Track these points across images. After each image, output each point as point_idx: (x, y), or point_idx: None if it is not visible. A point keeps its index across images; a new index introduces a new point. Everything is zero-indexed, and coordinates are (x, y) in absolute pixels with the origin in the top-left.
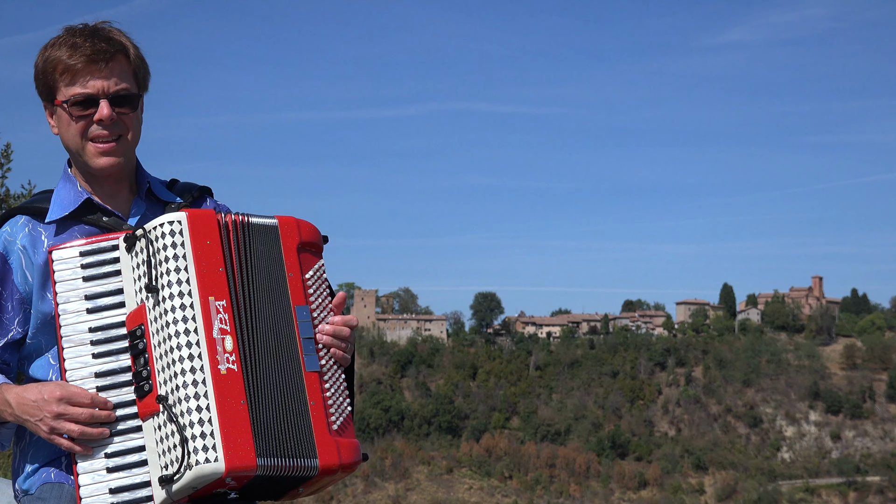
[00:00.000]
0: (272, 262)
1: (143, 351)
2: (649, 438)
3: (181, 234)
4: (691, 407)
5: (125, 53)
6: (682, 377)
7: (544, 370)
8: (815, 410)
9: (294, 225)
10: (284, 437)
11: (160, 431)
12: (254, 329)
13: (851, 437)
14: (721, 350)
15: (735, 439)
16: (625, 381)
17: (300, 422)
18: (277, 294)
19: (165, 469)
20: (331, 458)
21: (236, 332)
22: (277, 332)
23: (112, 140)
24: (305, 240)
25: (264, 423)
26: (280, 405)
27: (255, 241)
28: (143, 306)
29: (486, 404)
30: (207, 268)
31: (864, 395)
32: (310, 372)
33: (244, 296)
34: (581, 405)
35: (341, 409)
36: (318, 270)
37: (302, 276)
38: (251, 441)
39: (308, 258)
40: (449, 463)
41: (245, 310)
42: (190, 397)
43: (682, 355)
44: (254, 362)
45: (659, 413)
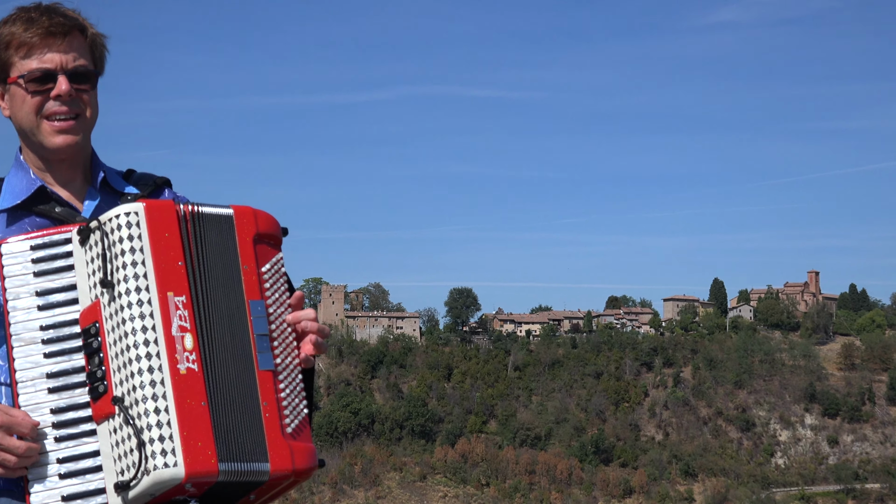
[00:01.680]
0: (226, 254)
1: (98, 350)
2: (635, 443)
3: (138, 227)
4: (680, 410)
5: (82, 30)
6: (669, 378)
7: (523, 371)
8: (811, 413)
9: (251, 215)
10: (241, 440)
11: (116, 435)
12: (211, 326)
13: (850, 442)
14: (711, 349)
15: (726, 444)
16: (609, 383)
17: (251, 424)
18: (231, 288)
19: (121, 475)
20: (283, 463)
21: (196, 329)
22: (232, 328)
23: (70, 118)
24: (263, 231)
25: (224, 426)
26: (235, 406)
27: (209, 232)
28: (97, 303)
29: (462, 407)
30: (166, 262)
31: (863, 397)
32: (263, 371)
33: (201, 290)
34: (562, 408)
35: (297, 411)
36: (276, 264)
37: (258, 270)
38: (212, 445)
39: (265, 251)
40: (422, 469)
41: (202, 305)
42: (147, 398)
43: (670, 355)
44: (212, 361)
45: (645, 416)
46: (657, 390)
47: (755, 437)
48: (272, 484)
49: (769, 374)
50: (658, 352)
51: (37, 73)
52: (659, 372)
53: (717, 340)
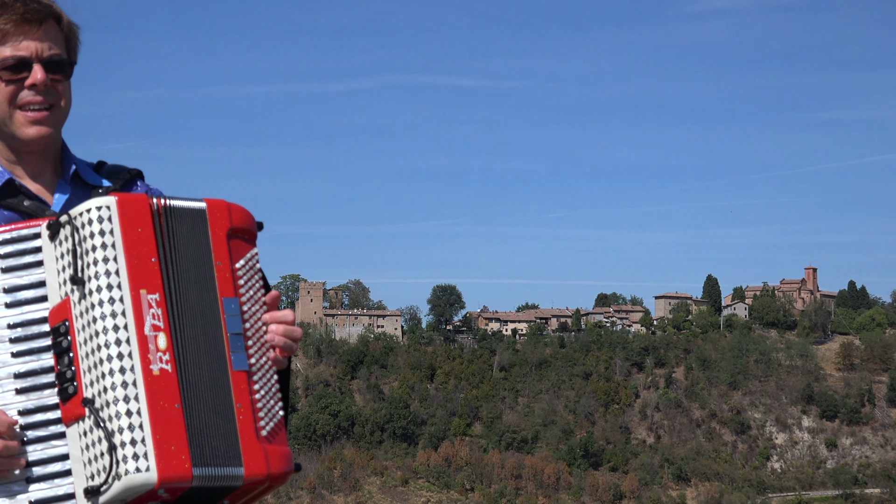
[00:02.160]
0: (199, 249)
1: (68, 349)
2: (625, 446)
3: (110, 221)
4: (672, 412)
5: (57, 18)
6: (661, 379)
7: (509, 371)
8: (808, 416)
9: (224, 209)
10: (215, 443)
11: (86, 438)
12: (184, 325)
13: (848, 445)
14: (705, 349)
15: (720, 447)
16: (598, 384)
17: (225, 426)
18: (204, 285)
19: (91, 479)
20: (258, 468)
21: (170, 328)
22: (205, 327)
23: (44, 108)
24: (237, 225)
25: (198, 429)
26: (209, 408)
27: (180, 227)
28: (67, 300)
29: (445, 409)
30: (139, 258)
31: (863, 398)
32: (237, 371)
33: (174, 288)
34: (550, 410)
35: (272, 413)
36: (251, 260)
37: (231, 266)
38: (186, 449)
39: (239, 246)
40: (404, 473)
41: (175, 303)
42: (119, 400)
43: (662, 355)
44: (186, 362)
45: (636, 418)
46: (648, 391)
47: (750, 441)
48: (247, 489)
49: (765, 375)
50: (649, 351)
51: (11, 61)
52: (650, 372)
53: (711, 340)
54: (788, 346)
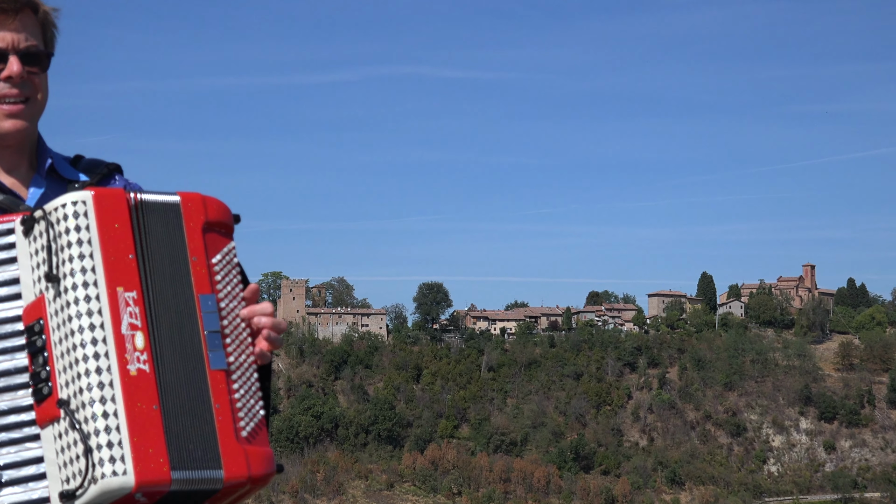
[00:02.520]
0: (173, 244)
1: (42, 349)
2: (617, 449)
3: (86, 217)
4: (665, 413)
5: (34, 8)
6: (654, 379)
7: (498, 371)
8: (806, 417)
9: (199, 202)
10: (193, 445)
11: (61, 440)
12: (161, 323)
13: (848, 448)
14: (699, 348)
15: (715, 450)
16: (590, 384)
17: (203, 428)
18: (179, 281)
19: (67, 483)
20: (238, 470)
21: (147, 327)
22: (181, 325)
23: (20, 101)
24: (212, 219)
25: (176, 430)
26: (186, 409)
27: (154, 222)
28: (42, 298)
29: (432, 410)
30: (116, 254)
31: (862, 399)
32: (215, 370)
33: (151, 285)
34: (540, 411)
35: (252, 412)
36: (228, 254)
37: (207, 261)
38: (164, 451)
39: (215, 240)
40: (389, 477)
41: (152, 301)
42: (95, 401)
43: (655, 354)
44: (163, 361)
45: (629, 420)
46: (641, 392)
47: (746, 443)
48: (227, 492)
49: (761, 375)
50: (642, 351)
51: None
52: (643, 373)
53: (706, 339)
54: (785, 346)
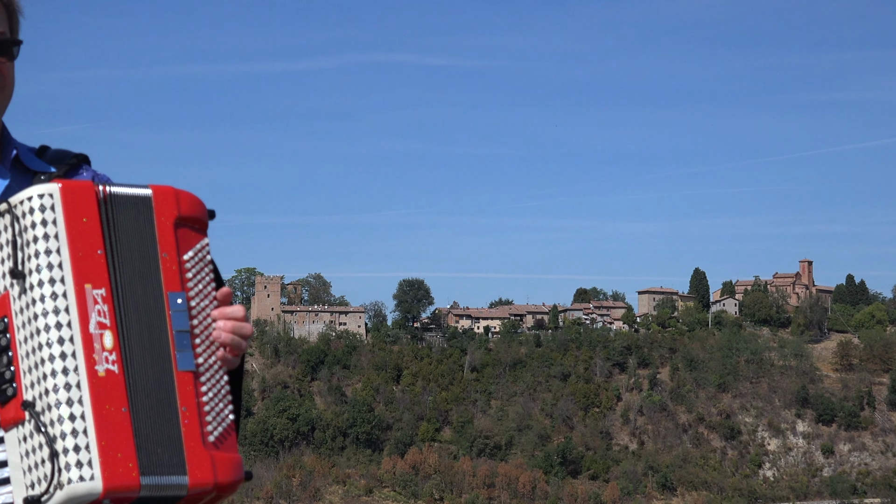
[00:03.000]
0: (143, 240)
1: (7, 348)
2: (606, 453)
3: (53, 210)
4: (656, 416)
5: None
6: (645, 380)
7: (481, 372)
8: (803, 420)
9: (172, 196)
10: (159, 450)
11: (26, 444)
12: (129, 322)
13: (846, 452)
14: (692, 348)
15: (708, 454)
16: (577, 385)
17: (169, 432)
18: (148, 278)
19: (31, 488)
20: (203, 476)
21: (116, 326)
22: (149, 324)
23: None
24: (185, 214)
25: (145, 434)
26: (153, 412)
27: (124, 216)
28: (6, 295)
29: (413, 412)
30: (84, 250)
31: (862, 401)
32: (182, 372)
33: (119, 282)
34: (525, 413)
35: (221, 416)
36: (200, 251)
37: (179, 258)
38: (134, 456)
39: (188, 236)
40: (368, 482)
41: (121, 299)
42: (62, 403)
43: (646, 354)
44: (132, 362)
45: (618, 423)
46: (631, 394)
47: (741, 447)
48: (192, 499)
49: (756, 376)
50: (632, 351)
51: None
52: (633, 373)
53: (699, 338)
54: (782, 345)
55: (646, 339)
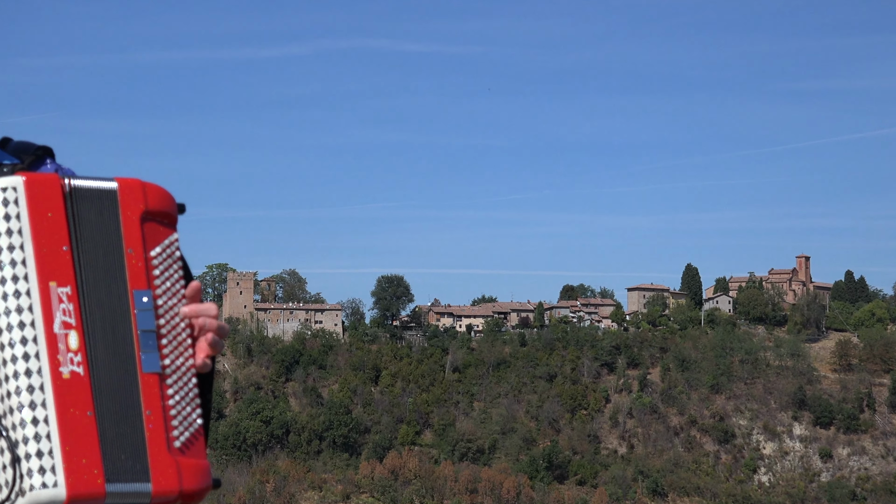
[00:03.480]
0: (108, 235)
1: None
2: (594, 457)
3: (16, 204)
4: (646, 418)
5: None
6: (635, 381)
7: (464, 372)
8: (800, 422)
9: (138, 189)
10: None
11: None
12: (94, 321)
13: (846, 456)
14: (683, 347)
15: (701, 458)
16: (564, 386)
17: (132, 436)
18: (113, 275)
19: None
20: (168, 484)
21: (82, 325)
22: (113, 323)
23: None
24: (153, 208)
25: (110, 439)
26: (117, 416)
27: (88, 210)
28: None
29: (392, 415)
30: (49, 246)
31: (862, 403)
32: (148, 374)
33: (84, 280)
34: (509, 416)
35: (188, 421)
36: (169, 247)
37: (145, 254)
38: (99, 462)
39: (155, 231)
40: (345, 487)
41: (86, 297)
42: (24, 406)
43: (636, 354)
44: (98, 363)
45: (606, 426)
46: (620, 395)
47: (735, 451)
48: None
49: (751, 377)
50: (621, 350)
51: None
52: (622, 374)
53: (691, 337)
54: (778, 345)
55: (635, 338)
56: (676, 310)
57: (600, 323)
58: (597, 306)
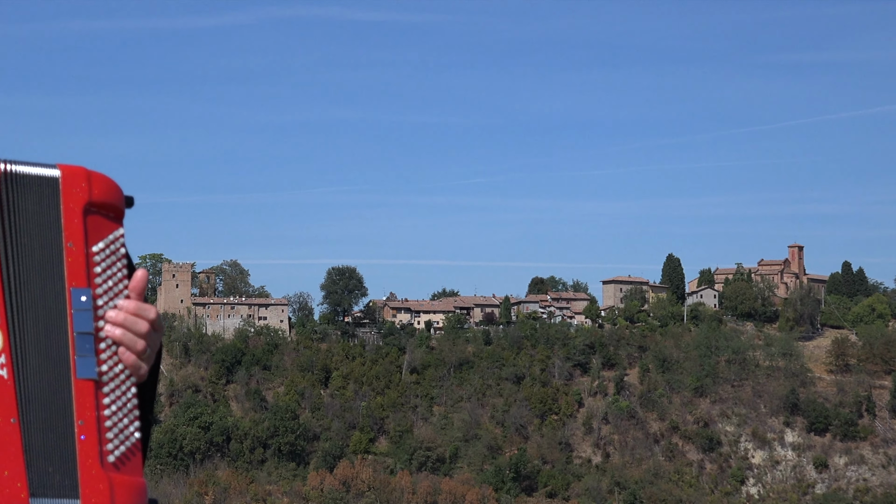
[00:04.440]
0: (46, 226)
1: None
2: (566, 467)
3: None
4: (623, 424)
5: None
6: (610, 383)
7: (422, 374)
8: (792, 429)
9: (83, 178)
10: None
11: None
12: (24, 320)
13: (843, 466)
14: (664, 346)
15: (683, 468)
16: (533, 389)
17: (62, 449)
18: (49, 271)
19: None
20: (98, 502)
21: (8, 324)
22: (47, 323)
23: None
24: (98, 199)
25: (37, 450)
26: (46, 425)
27: (25, 199)
28: None
29: (343, 420)
30: None
31: (860, 407)
32: (82, 380)
33: (14, 274)
34: (473, 421)
35: (125, 434)
36: (113, 242)
37: (87, 249)
38: (23, 474)
39: (99, 224)
40: (292, 500)
41: (16, 294)
42: None
43: (612, 353)
44: (25, 366)
45: (579, 432)
46: (595, 399)
47: (721, 460)
48: None
49: (739, 378)
50: (596, 349)
51: None
52: (597, 375)
53: (672, 334)
54: (768, 343)
55: (611, 335)
56: (656, 305)
57: (573, 319)
58: (569, 301)
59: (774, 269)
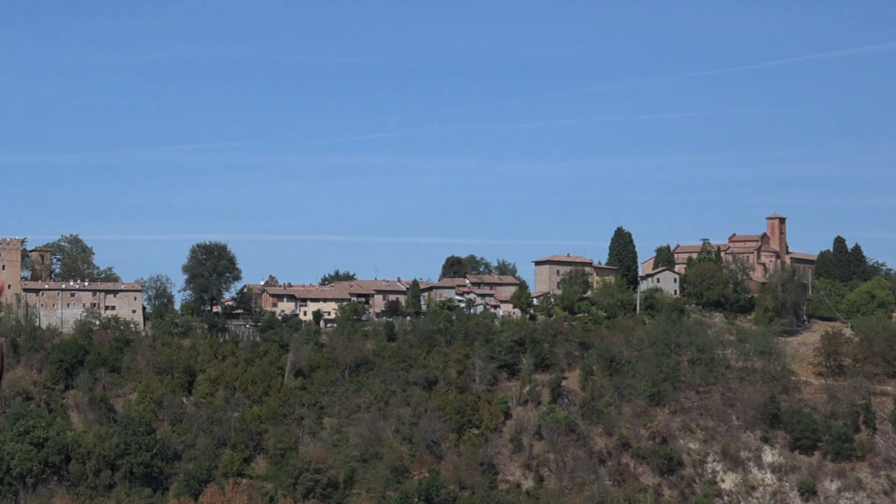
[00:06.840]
0: None
1: None
2: (489, 494)
3: None
4: (561, 440)
5: None
6: (545, 389)
7: (310, 377)
8: (772, 446)
9: None
10: None
11: None
12: None
13: (835, 491)
14: (613, 342)
15: (636, 495)
16: (448, 396)
17: None
18: None
19: None
20: None
21: None
22: None
23: None
24: None
25: None
26: None
27: None
28: None
29: (212, 435)
30: None
31: (857, 419)
32: None
33: None
34: (373, 437)
35: None
36: None
37: None
38: None
39: None
40: None
41: None
42: None
43: (546, 351)
44: None
45: (506, 450)
46: (525, 408)
47: (683, 484)
48: None
49: (705, 383)
50: (526, 347)
51: None
52: (528, 379)
53: (622, 328)
54: (742, 339)
55: (546, 329)
56: (602, 291)
57: (497, 309)
58: (493, 286)
59: (749, 246)
